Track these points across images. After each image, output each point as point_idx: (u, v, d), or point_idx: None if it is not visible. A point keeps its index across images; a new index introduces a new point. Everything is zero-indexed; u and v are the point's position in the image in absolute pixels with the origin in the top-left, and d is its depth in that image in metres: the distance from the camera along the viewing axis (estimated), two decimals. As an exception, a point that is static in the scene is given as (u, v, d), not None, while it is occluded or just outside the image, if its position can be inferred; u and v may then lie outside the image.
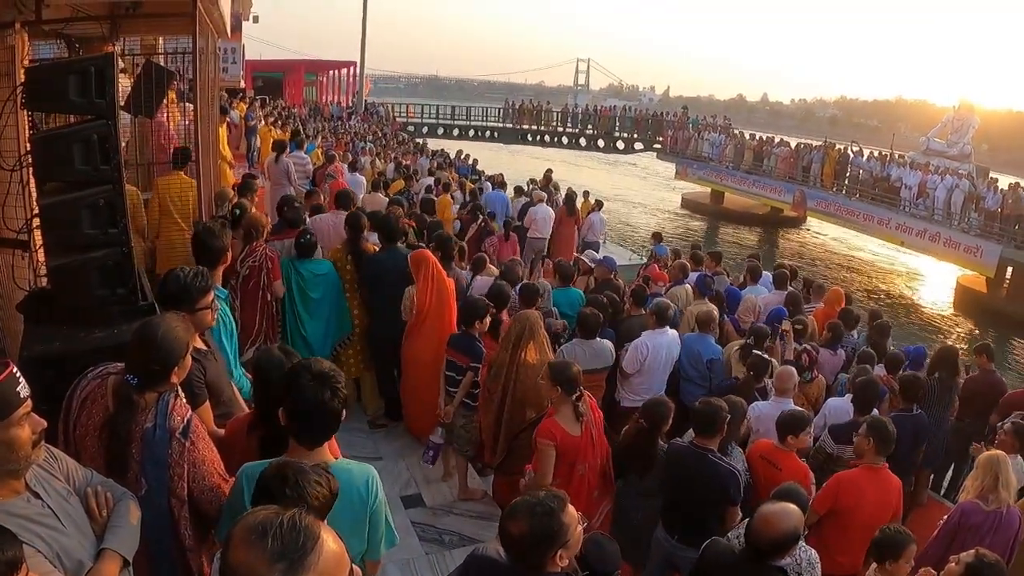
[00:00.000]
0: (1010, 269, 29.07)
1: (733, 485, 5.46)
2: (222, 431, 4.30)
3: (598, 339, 7.95)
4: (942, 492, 9.83)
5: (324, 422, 3.40)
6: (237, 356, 5.58)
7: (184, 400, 3.65)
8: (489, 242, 15.37)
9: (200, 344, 4.43)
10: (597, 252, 14.01)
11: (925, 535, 5.89)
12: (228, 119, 22.60)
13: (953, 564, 4.26)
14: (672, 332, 8.49)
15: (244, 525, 1.96)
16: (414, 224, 11.79)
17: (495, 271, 10.04)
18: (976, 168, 37.05)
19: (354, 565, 2.17)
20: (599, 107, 56.55)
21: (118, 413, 3.46)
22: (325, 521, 2.37)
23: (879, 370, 9.04)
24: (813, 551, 4.75)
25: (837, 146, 38.16)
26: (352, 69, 60.16)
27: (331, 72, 64.77)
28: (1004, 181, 31.60)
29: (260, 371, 4.12)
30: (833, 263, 37.91)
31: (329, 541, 1.99)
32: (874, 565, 4.72)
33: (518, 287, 8.34)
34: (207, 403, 4.31)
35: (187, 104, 10.40)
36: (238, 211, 8.26)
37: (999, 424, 7.79)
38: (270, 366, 4.02)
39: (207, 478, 3.54)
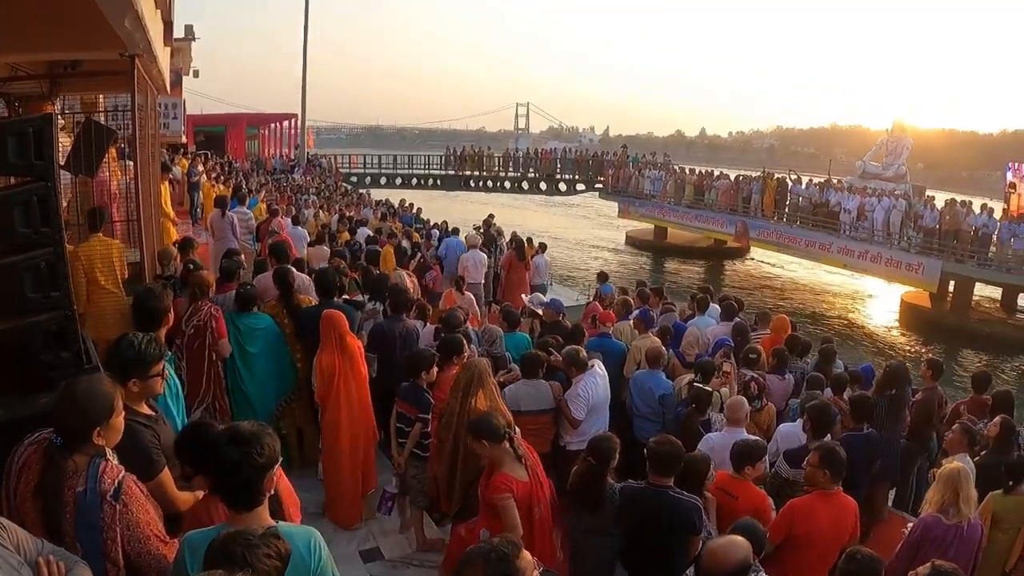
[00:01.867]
0: (952, 283, 29.87)
1: (696, 515, 5.46)
2: (186, 495, 4.25)
3: (542, 381, 7.93)
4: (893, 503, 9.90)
5: (246, 483, 3.34)
6: (185, 418, 5.50)
7: (116, 463, 3.59)
8: (430, 275, 15.59)
9: (147, 410, 4.38)
10: (544, 295, 14.04)
11: (889, 549, 5.96)
12: (170, 175, 22.50)
13: None
14: (599, 366, 8.37)
15: None
16: (356, 276, 11.72)
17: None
18: (912, 187, 38.10)
19: None
20: (540, 150, 56.61)
21: (44, 475, 3.43)
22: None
23: (827, 393, 9.09)
24: None
25: (776, 175, 38.77)
26: (294, 121, 60.21)
27: (273, 125, 64.88)
28: (941, 198, 32.30)
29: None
30: (779, 290, 38.39)
31: None
32: None
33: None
34: (166, 469, 4.22)
35: (128, 162, 10.28)
36: (192, 266, 8.17)
37: (952, 428, 7.95)
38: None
39: (144, 542, 3.49)
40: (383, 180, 54.13)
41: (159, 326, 5.42)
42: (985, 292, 32.31)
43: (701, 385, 8.24)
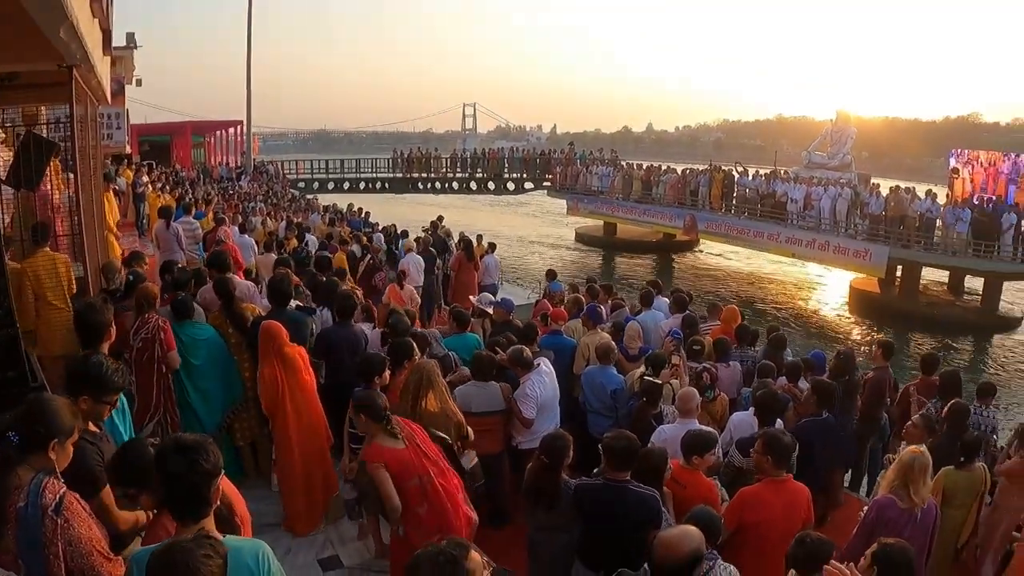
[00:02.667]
0: (900, 268, 30.35)
1: (657, 507, 5.48)
2: (128, 514, 4.18)
3: (493, 383, 7.92)
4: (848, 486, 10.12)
5: (193, 491, 3.29)
6: (132, 434, 5.41)
7: (59, 479, 3.54)
8: (379, 277, 15.62)
9: (93, 428, 4.32)
10: (494, 295, 13.99)
11: (848, 531, 6.04)
12: (114, 187, 22.17)
13: (863, 560, 4.30)
14: (545, 363, 8.39)
15: None
16: (301, 282, 11.59)
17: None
18: (858, 176, 38.42)
19: None
20: (487, 150, 56.63)
21: None
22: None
23: (781, 380, 9.17)
24: (733, 568, 4.73)
25: (722, 168, 39.06)
26: (239, 128, 59.27)
27: (219, 132, 64.01)
28: (886, 185, 32.75)
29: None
30: (730, 281, 38.65)
31: None
32: (793, 572, 4.72)
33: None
34: (108, 486, 4.14)
35: (71, 174, 10.12)
36: (132, 277, 8.03)
37: (912, 419, 8.02)
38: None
39: (86, 557, 3.43)
40: (330, 185, 53.91)
41: (101, 341, 5.33)
42: (932, 276, 32.77)
43: (651, 378, 8.24)
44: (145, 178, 26.34)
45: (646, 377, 8.32)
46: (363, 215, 29.97)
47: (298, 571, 6.95)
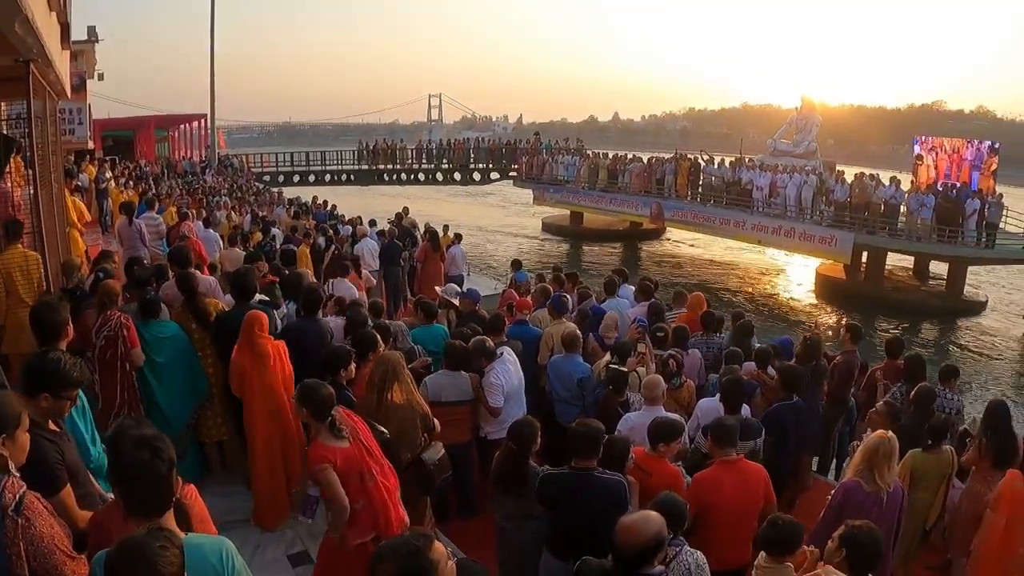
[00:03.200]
0: (865, 254, 30.66)
1: (624, 493, 5.49)
2: (88, 513, 4.07)
3: (462, 373, 7.92)
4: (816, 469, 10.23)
5: (148, 487, 3.22)
6: (95, 433, 5.33)
7: (18, 478, 3.47)
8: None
9: (53, 426, 4.25)
10: (461, 285, 13.98)
11: (816, 515, 6.03)
12: (77, 183, 21.93)
13: (830, 542, 4.32)
14: (511, 353, 8.41)
15: None
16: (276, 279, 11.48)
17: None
18: (823, 163, 38.72)
19: None
20: (453, 140, 56.58)
21: None
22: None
23: (749, 366, 9.20)
24: (699, 554, 4.76)
25: (688, 156, 39.25)
26: (203, 122, 58.88)
27: (182, 126, 63.58)
28: (851, 173, 33.01)
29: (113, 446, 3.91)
30: (696, 269, 38.80)
31: None
32: (763, 554, 4.72)
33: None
34: (68, 485, 4.10)
35: (31, 171, 9.97)
36: (101, 275, 7.94)
37: (875, 406, 8.12)
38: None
39: (49, 557, 3.35)
40: (296, 178, 53.51)
41: (58, 339, 5.22)
42: (897, 261, 33.17)
43: (617, 366, 8.24)
44: (108, 174, 26.03)
45: (612, 365, 8.32)
46: (328, 208, 29.85)
47: (267, 567, 6.86)
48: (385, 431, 6.12)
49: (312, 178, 53.49)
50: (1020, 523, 6.45)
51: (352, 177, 53.64)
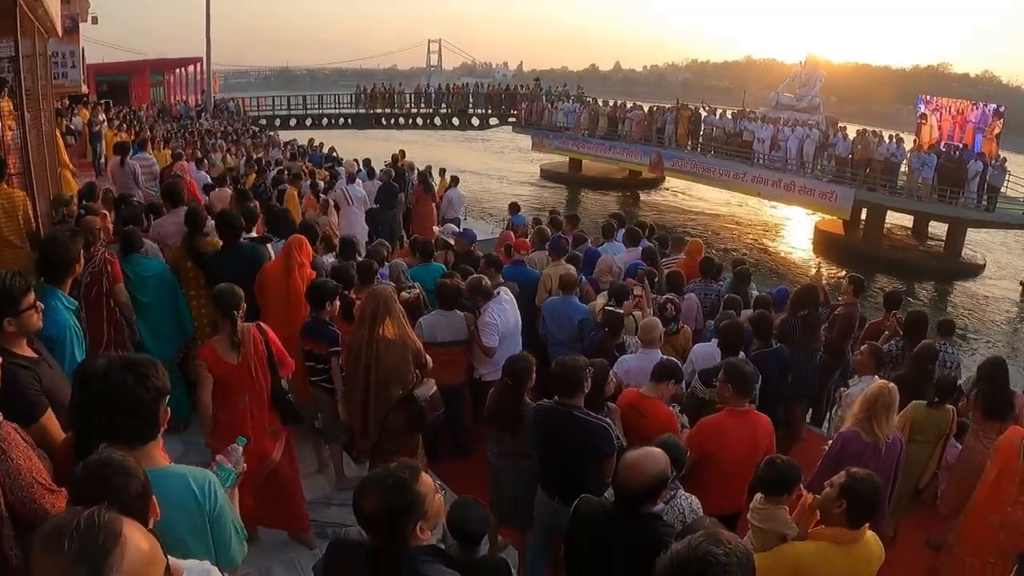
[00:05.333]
0: (865, 211, 30.38)
1: (604, 439, 5.34)
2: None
3: (457, 312, 7.83)
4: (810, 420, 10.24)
5: (140, 410, 3.11)
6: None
7: None
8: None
9: (29, 352, 4.15)
10: (457, 228, 13.84)
11: (809, 468, 5.87)
12: (70, 125, 21.73)
13: (829, 488, 4.22)
14: (508, 293, 8.35)
15: (41, 532, 1.74)
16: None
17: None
18: (825, 118, 38.39)
19: (173, 561, 1.91)
20: (452, 85, 56.18)
21: None
22: (153, 526, 2.22)
23: (747, 314, 9.07)
24: (694, 498, 4.76)
25: (689, 106, 38.95)
26: (199, 66, 58.27)
27: (178, 71, 62.98)
28: (853, 130, 32.83)
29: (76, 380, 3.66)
30: (695, 220, 38.64)
31: (136, 538, 1.75)
32: (760, 496, 4.64)
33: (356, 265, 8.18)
34: (50, 411, 3.97)
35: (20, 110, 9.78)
36: (83, 212, 7.79)
37: (859, 349, 8.08)
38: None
39: (27, 490, 3.22)
40: (292, 122, 53.06)
41: (65, 277, 5.27)
42: (897, 220, 33.02)
43: (613, 308, 8.14)
44: (101, 116, 25.66)
45: (608, 308, 8.22)
46: (326, 150, 29.63)
47: None
48: (287, 390, 6.00)
49: (309, 122, 52.94)
50: (1008, 478, 6.36)
51: (349, 121, 53.27)
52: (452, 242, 11.07)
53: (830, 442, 6.21)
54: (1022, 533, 6.12)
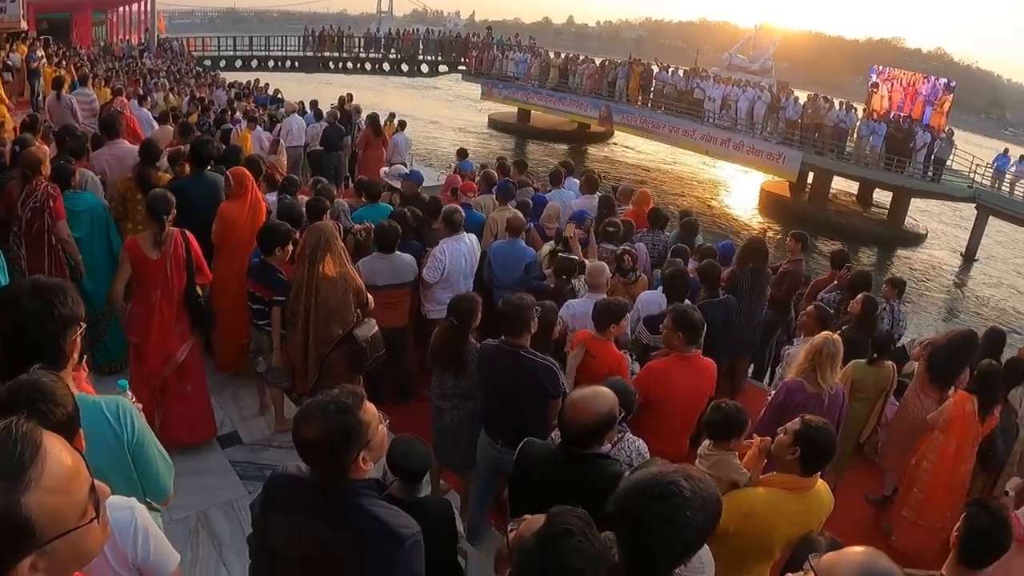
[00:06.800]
0: (812, 174, 30.85)
1: (548, 378, 5.25)
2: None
3: (399, 253, 7.68)
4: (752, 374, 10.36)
5: (47, 337, 2.95)
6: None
7: None
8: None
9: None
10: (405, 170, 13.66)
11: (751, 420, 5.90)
12: (7, 61, 21.20)
13: (782, 435, 4.15)
14: (470, 238, 8.30)
15: None
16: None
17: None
18: (777, 82, 38.57)
19: (99, 483, 1.72)
20: (402, 31, 55.51)
21: None
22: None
23: (693, 264, 9.01)
24: (641, 442, 4.68)
25: (641, 61, 38.96)
26: (144, 4, 57.11)
27: (121, 9, 61.82)
28: (804, 96, 33.22)
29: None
30: (643, 175, 38.74)
31: (57, 451, 1.56)
32: (708, 442, 4.58)
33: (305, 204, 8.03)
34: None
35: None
36: (18, 147, 7.51)
37: (806, 309, 8.05)
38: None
39: None
40: (238, 63, 51.93)
41: None
42: (842, 186, 33.53)
43: (566, 255, 8.06)
44: (40, 53, 25.23)
45: (561, 255, 8.11)
46: (271, 92, 29.25)
47: (196, 450, 6.70)
48: (199, 296, 6.31)
49: (255, 63, 51.93)
50: (967, 444, 6.72)
51: (296, 64, 52.38)
52: (398, 184, 10.83)
53: (773, 392, 6.22)
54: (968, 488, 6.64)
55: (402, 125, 19.57)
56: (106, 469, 3.07)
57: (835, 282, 9.72)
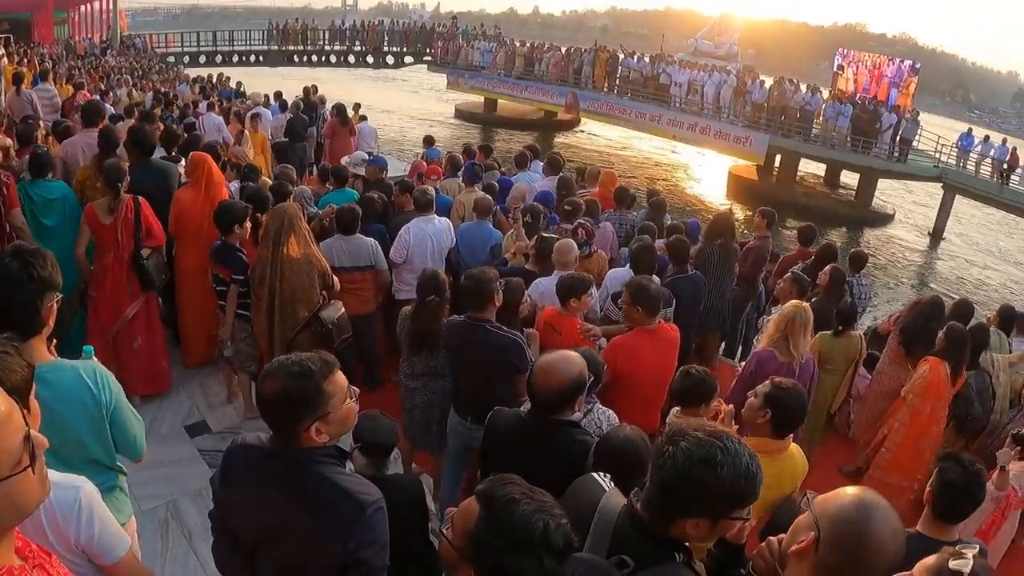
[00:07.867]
0: (779, 157, 31.06)
1: (514, 352, 5.19)
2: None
3: (359, 235, 7.59)
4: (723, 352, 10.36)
5: (23, 301, 2.99)
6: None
7: None
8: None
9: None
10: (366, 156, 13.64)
11: (721, 393, 5.89)
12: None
13: (753, 398, 4.15)
14: (441, 220, 8.28)
15: None
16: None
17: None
18: (743, 67, 38.74)
19: (36, 433, 1.66)
20: (367, 22, 55.14)
21: None
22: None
23: (660, 243, 8.99)
24: (611, 412, 4.67)
25: (607, 48, 38.97)
26: (105, 3, 56.52)
27: (83, 7, 60.78)
28: (770, 81, 33.20)
29: None
30: (609, 161, 38.58)
31: None
32: (677, 408, 4.63)
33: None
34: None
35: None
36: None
37: (783, 277, 8.05)
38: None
39: None
40: (202, 59, 51.30)
41: None
42: (809, 167, 33.70)
43: (549, 235, 8.04)
44: (0, 51, 24.79)
45: (542, 234, 8.08)
46: (234, 85, 29.09)
47: (164, 440, 6.73)
48: (145, 258, 6.79)
49: (219, 59, 51.25)
50: (940, 407, 6.86)
51: (261, 58, 51.92)
52: (362, 171, 10.76)
53: (743, 363, 6.19)
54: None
55: (362, 117, 19.44)
56: (85, 435, 3.18)
57: (804, 260, 9.76)
